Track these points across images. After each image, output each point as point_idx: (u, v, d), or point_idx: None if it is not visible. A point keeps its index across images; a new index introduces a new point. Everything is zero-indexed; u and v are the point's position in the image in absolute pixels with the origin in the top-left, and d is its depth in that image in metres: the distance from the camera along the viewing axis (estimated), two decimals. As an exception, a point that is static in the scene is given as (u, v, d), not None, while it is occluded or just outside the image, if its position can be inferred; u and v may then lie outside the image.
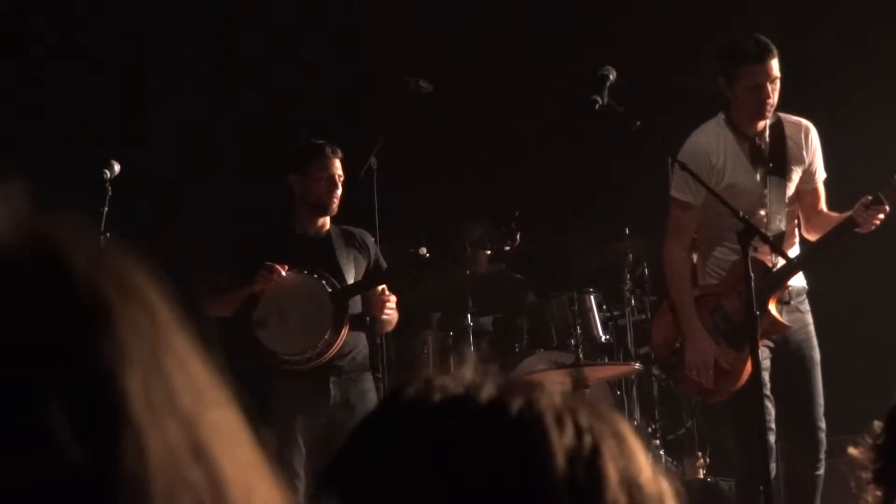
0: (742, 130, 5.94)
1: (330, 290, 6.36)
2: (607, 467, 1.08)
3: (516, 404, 1.07)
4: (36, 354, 0.88)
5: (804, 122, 6.05)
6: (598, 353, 7.93)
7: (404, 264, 6.48)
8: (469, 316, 8.04)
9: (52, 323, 0.89)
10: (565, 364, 7.23)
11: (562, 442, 1.06)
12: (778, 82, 5.79)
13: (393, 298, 6.45)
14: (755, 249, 5.52)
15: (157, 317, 0.93)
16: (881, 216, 5.70)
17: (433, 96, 7.46)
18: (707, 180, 5.64)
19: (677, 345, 6.17)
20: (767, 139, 5.94)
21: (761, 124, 5.93)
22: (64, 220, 0.96)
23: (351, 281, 6.48)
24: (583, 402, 1.12)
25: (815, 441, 5.99)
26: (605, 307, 8.11)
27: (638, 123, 5.59)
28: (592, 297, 8.03)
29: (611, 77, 5.62)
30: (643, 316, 8.01)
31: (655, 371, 7.98)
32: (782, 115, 6.00)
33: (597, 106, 5.53)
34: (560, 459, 1.05)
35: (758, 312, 5.30)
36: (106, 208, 6.30)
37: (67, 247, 0.93)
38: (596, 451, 1.08)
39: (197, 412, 0.90)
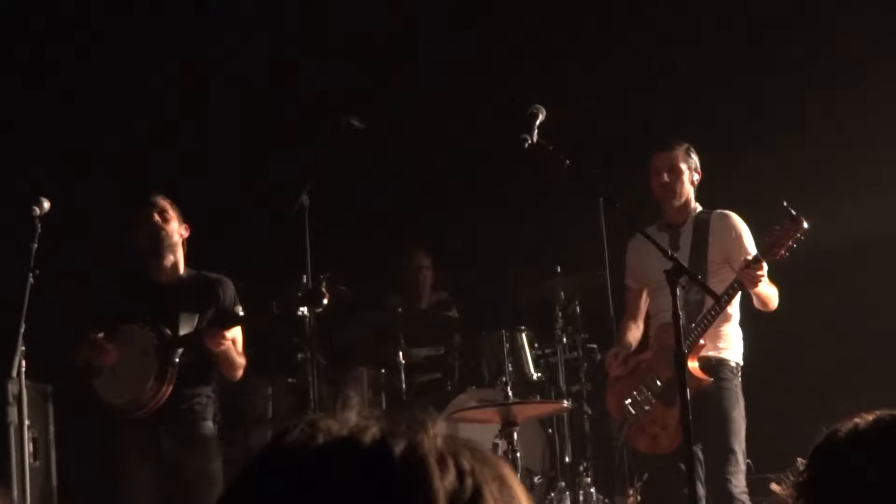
0: (665, 220, 6.71)
1: (156, 341, 6.35)
2: None
3: (399, 447, 1.08)
4: None
5: (727, 212, 6.69)
6: (530, 390, 7.93)
7: (212, 321, 6.43)
8: (401, 353, 8.06)
9: None
10: (496, 402, 7.24)
11: (444, 484, 1.07)
12: (679, 175, 6.64)
13: (227, 335, 6.31)
14: (682, 287, 5.58)
15: None
16: (761, 272, 6.10)
17: (366, 134, 7.47)
18: (636, 260, 6.73)
19: (627, 402, 6.59)
20: (691, 228, 6.64)
21: (682, 215, 6.68)
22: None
23: (186, 331, 6.43)
24: (466, 444, 1.13)
25: (722, 491, 6.22)
26: (536, 345, 8.13)
27: (567, 162, 5.61)
28: (524, 335, 8.05)
29: (540, 115, 5.65)
30: (575, 354, 8.03)
31: (587, 409, 8.01)
32: (715, 210, 6.69)
33: (526, 144, 5.56)
34: (442, 502, 1.06)
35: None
36: (35, 245, 6.25)
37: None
38: (478, 493, 1.09)
39: None
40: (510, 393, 7.16)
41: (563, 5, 9.05)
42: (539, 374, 8.03)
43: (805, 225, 5.97)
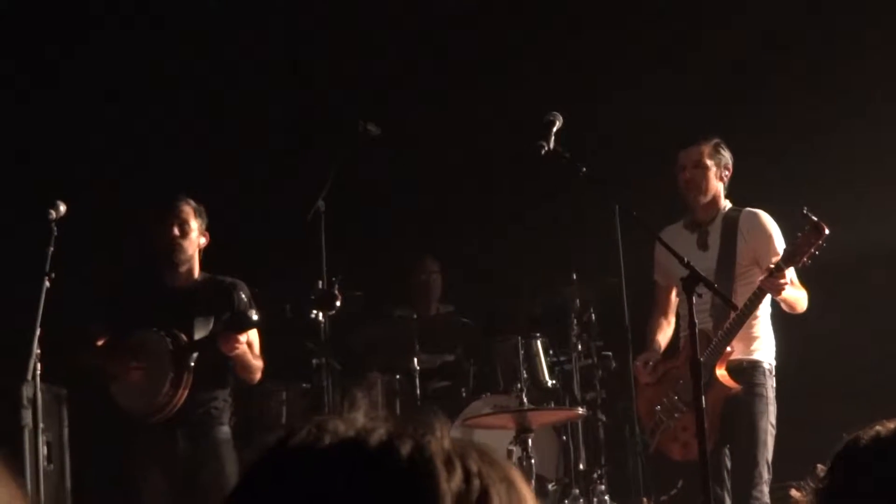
0: (693, 218, 6.62)
1: (171, 346, 6.38)
2: None
3: (406, 448, 1.08)
4: None
5: (757, 211, 6.58)
6: (544, 397, 7.92)
7: (226, 324, 6.45)
8: (416, 359, 8.05)
9: None
10: (510, 408, 7.23)
11: (450, 486, 1.06)
12: (705, 171, 6.54)
13: (241, 338, 6.36)
14: (700, 296, 5.55)
15: None
16: (783, 281, 6.07)
17: (382, 139, 7.48)
18: (664, 256, 6.19)
19: (658, 409, 6.57)
20: (720, 227, 6.53)
21: (710, 212, 6.57)
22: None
23: (201, 335, 6.46)
24: (474, 446, 1.12)
25: (743, 502, 6.23)
26: (551, 352, 8.11)
27: (584, 169, 5.61)
28: (539, 342, 8.03)
29: (557, 122, 5.64)
30: (590, 361, 8.01)
31: (601, 416, 8.00)
32: (745, 209, 6.58)
33: (543, 151, 5.55)
34: (448, 503, 1.05)
35: (704, 381, 5.46)
36: (52, 248, 6.27)
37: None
38: (484, 494, 1.08)
39: None
40: (525, 399, 7.14)
41: (578, 11, 9.04)
42: (554, 381, 8.01)
43: (826, 231, 5.93)
